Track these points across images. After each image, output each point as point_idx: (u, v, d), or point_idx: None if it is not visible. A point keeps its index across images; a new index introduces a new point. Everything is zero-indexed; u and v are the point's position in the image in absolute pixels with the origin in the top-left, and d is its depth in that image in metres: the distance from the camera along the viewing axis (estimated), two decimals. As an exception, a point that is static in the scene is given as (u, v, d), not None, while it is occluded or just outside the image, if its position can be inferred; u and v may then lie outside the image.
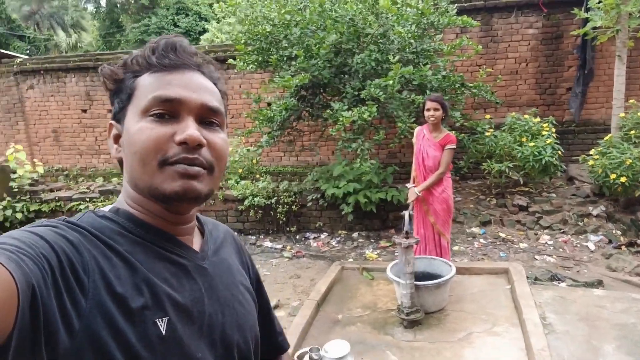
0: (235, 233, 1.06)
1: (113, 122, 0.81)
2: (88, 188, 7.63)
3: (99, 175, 8.82)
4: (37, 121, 9.19)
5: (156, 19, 19.82)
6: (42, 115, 9.15)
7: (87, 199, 7.06)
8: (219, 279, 0.85)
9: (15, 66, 8.97)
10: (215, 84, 0.82)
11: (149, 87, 0.75)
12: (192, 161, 0.73)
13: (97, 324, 0.63)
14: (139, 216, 0.78)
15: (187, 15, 20.26)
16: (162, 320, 0.70)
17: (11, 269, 0.54)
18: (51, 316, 0.58)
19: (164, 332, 0.70)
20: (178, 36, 0.79)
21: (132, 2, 23.44)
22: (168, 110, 0.74)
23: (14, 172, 7.27)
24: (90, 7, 27.88)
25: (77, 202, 7.06)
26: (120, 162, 0.81)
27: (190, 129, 0.73)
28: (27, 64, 9.06)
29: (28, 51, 22.62)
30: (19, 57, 9.58)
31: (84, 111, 9.01)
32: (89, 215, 0.76)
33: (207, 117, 0.78)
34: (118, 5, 24.76)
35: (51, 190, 7.53)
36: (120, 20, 24.15)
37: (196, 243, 0.87)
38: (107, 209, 0.80)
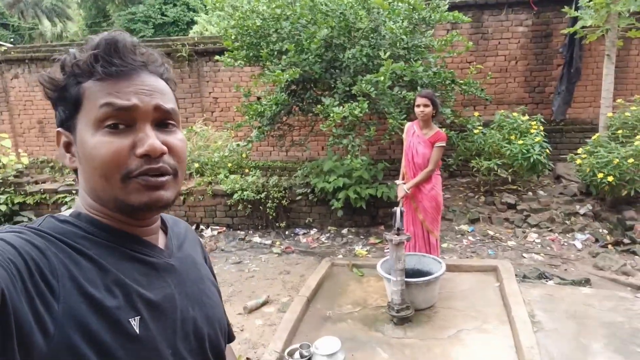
0: (192, 227, 1.06)
1: (61, 130, 0.78)
2: (74, 180, 7.50)
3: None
4: (22, 111, 9.00)
5: (143, 8, 19.49)
6: (27, 105, 8.96)
7: (74, 192, 6.95)
8: (186, 274, 0.87)
9: (-1, 55, 8.78)
10: (162, 78, 0.80)
11: (98, 96, 0.72)
12: (156, 171, 0.73)
13: (70, 326, 0.63)
14: (102, 220, 0.78)
15: (175, 5, 19.98)
16: (134, 320, 0.71)
17: None
18: (23, 320, 0.58)
19: (137, 331, 0.71)
20: (117, 31, 0.76)
21: (119, -10, 23.05)
22: (123, 120, 0.72)
23: (-2, 162, 7.12)
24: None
25: (63, 195, 6.95)
26: (75, 170, 0.79)
27: (150, 138, 0.72)
28: (12, 52, 8.86)
29: (12, 40, 22.17)
30: (3, 45, 9.37)
31: (70, 102, 8.83)
32: (50, 221, 0.74)
33: (162, 119, 0.77)
34: (105, -7, 24.34)
35: (36, 183, 7.39)
36: (107, 9, 23.72)
37: (160, 241, 0.88)
38: (67, 213, 0.79)
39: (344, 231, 6.24)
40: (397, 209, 3.84)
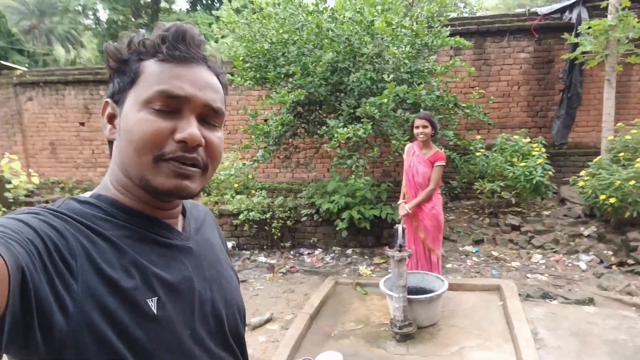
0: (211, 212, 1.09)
1: (109, 100, 0.80)
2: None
3: (94, 188, 8.80)
4: (35, 133, 9.24)
5: (157, 35, 19.95)
6: (39, 127, 9.20)
7: (82, 211, 7.06)
8: (203, 257, 0.88)
9: (14, 78, 9.05)
10: (218, 78, 0.82)
11: (155, 77, 0.74)
12: (188, 160, 0.75)
13: (89, 306, 0.64)
14: (123, 201, 0.79)
15: (186, 34, 20.44)
16: (152, 300, 0.72)
17: (1, 251, 0.55)
18: (43, 298, 0.59)
19: (155, 312, 0.72)
20: (188, 24, 0.78)
21: (132, 19, 23.71)
22: (172, 105, 0.74)
23: (9, 183, 7.26)
24: (90, 22, 28.10)
25: (72, 214, 7.05)
26: (110, 142, 0.81)
27: (191, 127, 0.74)
28: (27, 76, 9.15)
29: (27, 65, 22.73)
30: (19, 69, 9.68)
31: (82, 124, 9.08)
32: (69, 203, 0.75)
33: (208, 116, 0.78)
34: (118, 22, 25.04)
35: (47, 202, 7.52)
36: (119, 37, 24.32)
37: (179, 223, 0.88)
38: (88, 194, 0.80)
39: (349, 251, 6.28)
40: (399, 226, 3.90)
